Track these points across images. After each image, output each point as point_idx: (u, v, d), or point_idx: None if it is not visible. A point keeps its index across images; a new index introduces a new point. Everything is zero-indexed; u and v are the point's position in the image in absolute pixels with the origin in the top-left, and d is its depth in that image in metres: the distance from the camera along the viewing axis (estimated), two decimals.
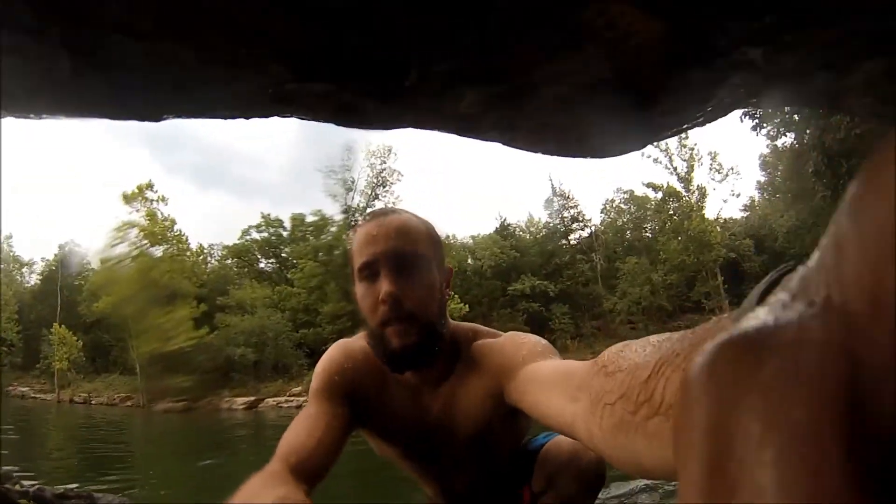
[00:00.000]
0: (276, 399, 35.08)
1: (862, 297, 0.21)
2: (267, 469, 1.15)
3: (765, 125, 22.08)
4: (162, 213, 42.19)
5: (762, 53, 3.46)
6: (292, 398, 34.05)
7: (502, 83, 3.63)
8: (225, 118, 4.21)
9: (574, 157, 5.23)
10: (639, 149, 5.08)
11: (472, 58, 3.33)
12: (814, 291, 0.23)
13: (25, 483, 4.47)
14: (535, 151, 4.96)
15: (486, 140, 4.70)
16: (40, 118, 3.96)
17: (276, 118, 4.34)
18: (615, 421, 0.64)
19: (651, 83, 3.74)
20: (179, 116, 4.17)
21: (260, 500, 0.95)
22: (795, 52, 3.56)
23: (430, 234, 1.44)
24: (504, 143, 4.78)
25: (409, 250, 1.35)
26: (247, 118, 4.22)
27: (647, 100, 3.97)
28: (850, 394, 0.19)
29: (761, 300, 0.35)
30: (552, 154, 5.00)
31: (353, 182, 47.29)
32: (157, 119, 4.12)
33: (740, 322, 0.26)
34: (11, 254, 56.54)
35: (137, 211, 41.21)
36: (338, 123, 4.28)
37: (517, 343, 1.33)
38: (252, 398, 35.68)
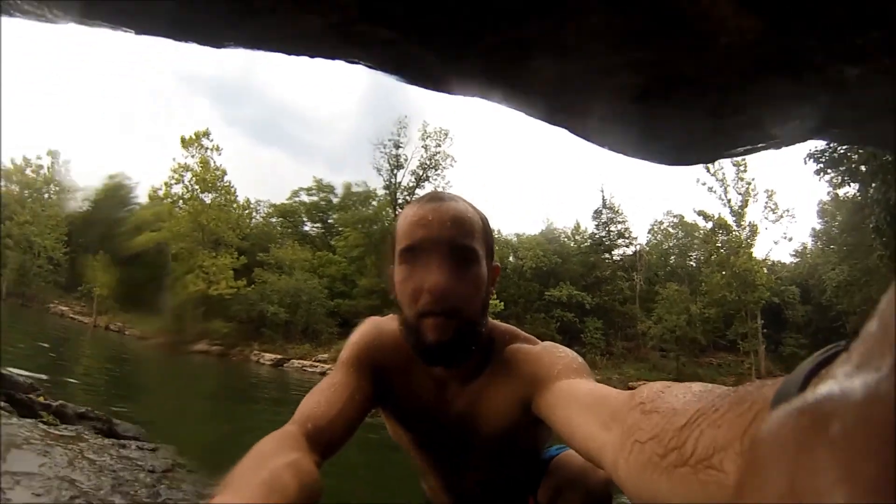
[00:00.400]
0: (301, 361, 35.56)
1: None
2: (282, 430, 1.12)
3: (829, 171, 21.33)
4: (214, 162, 43.02)
5: (858, 74, 3.31)
6: (317, 364, 34.46)
7: (577, 62, 3.54)
8: (289, 53, 4.17)
9: (643, 159, 5.10)
10: (710, 161, 4.95)
11: (550, 30, 3.26)
12: (878, 359, 0.24)
13: (49, 397, 4.59)
14: (604, 146, 4.82)
15: (555, 124, 4.59)
16: (100, 26, 4.00)
17: (342, 66, 4.32)
18: (643, 460, 0.64)
19: (735, 88, 3.61)
20: (241, 46, 4.15)
21: (271, 462, 0.94)
22: (891, 78, 3.39)
23: (485, 228, 1.38)
24: (572, 132, 4.66)
25: (463, 242, 1.28)
26: (311, 56, 4.17)
27: (729, 107, 3.83)
28: None
29: (810, 377, 0.36)
30: (621, 152, 4.86)
31: (405, 160, 47.46)
32: (219, 45, 4.11)
33: (805, 393, 0.27)
34: (68, 177, 58.20)
35: (192, 157, 42.16)
36: (402, 77, 4.24)
37: (555, 355, 1.28)
38: (279, 356, 36.29)
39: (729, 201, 44.68)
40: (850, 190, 28.71)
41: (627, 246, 49.91)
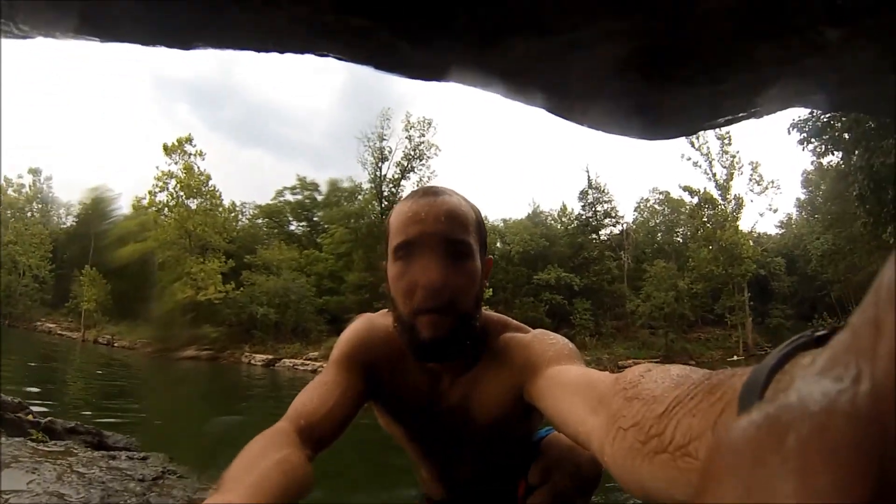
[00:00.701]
0: (292, 360, 35.69)
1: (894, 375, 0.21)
2: (275, 427, 1.15)
3: (812, 140, 21.47)
4: (198, 168, 42.79)
5: (839, 36, 3.27)
6: (308, 362, 34.59)
7: (553, 36, 3.48)
8: (258, 51, 4.09)
9: (623, 135, 5.06)
10: (689, 134, 4.90)
11: (523, 6, 3.20)
12: (843, 369, 0.24)
13: (37, 412, 4.56)
14: (583, 124, 4.76)
15: (533, 104, 4.53)
16: (68, 37, 3.93)
17: (319, 61, 4.28)
18: (626, 446, 0.68)
19: (716, 56, 3.57)
20: (210, 46, 4.08)
21: (261, 462, 0.98)
22: (873, 40, 3.35)
23: (478, 221, 1.39)
24: (550, 111, 4.60)
25: (458, 237, 1.29)
26: (281, 52, 4.10)
27: (709, 75, 3.76)
28: (878, 461, 0.20)
29: (775, 369, 0.37)
30: (601, 129, 4.81)
31: (389, 152, 47.35)
32: (188, 47, 4.02)
33: (764, 402, 0.27)
34: (50, 194, 57.94)
35: (176, 163, 41.95)
36: (376, 66, 4.16)
37: (545, 342, 1.31)
38: (270, 356, 36.41)
39: (714, 175, 45.04)
40: (834, 158, 28.94)
41: (614, 225, 50.17)
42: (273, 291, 39.81)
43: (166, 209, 41.08)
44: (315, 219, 51.70)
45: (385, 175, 46.95)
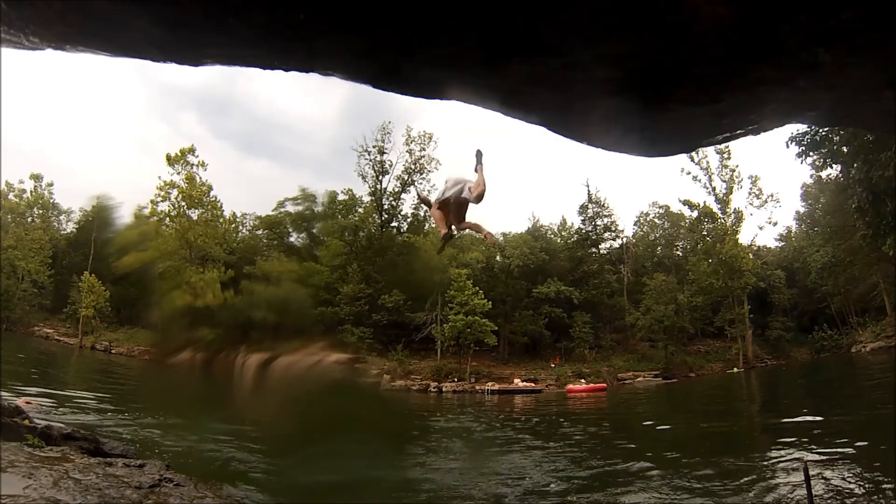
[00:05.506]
0: (289, 357, 35.37)
1: None
2: None
3: (811, 154, 21.48)
4: (200, 178, 42.71)
5: (832, 56, 3.30)
6: (307, 356, 34.28)
7: (552, 58, 3.52)
8: (264, 68, 4.18)
9: (622, 152, 5.08)
10: (687, 151, 4.94)
11: (523, 27, 3.24)
12: None
13: (34, 417, 4.54)
14: (581, 141, 4.80)
15: (531, 122, 4.57)
16: (77, 51, 3.97)
17: (319, 79, 4.31)
18: None
19: (712, 76, 3.60)
20: (218, 63, 4.15)
21: None
22: (866, 58, 3.39)
23: None
24: (549, 128, 4.64)
25: None
26: (286, 70, 4.17)
27: (706, 95, 3.81)
28: None
29: None
30: (600, 147, 4.84)
31: (390, 165, 47.36)
32: (197, 63, 4.08)
33: None
34: (51, 200, 57.84)
35: (178, 173, 41.88)
36: (379, 86, 4.21)
37: None
38: (267, 355, 36.08)
39: (714, 189, 45.09)
40: (833, 172, 29.04)
41: (614, 239, 50.16)
42: (272, 300, 39.58)
43: (168, 219, 40.99)
44: (314, 230, 51.55)
45: (385, 188, 46.98)
